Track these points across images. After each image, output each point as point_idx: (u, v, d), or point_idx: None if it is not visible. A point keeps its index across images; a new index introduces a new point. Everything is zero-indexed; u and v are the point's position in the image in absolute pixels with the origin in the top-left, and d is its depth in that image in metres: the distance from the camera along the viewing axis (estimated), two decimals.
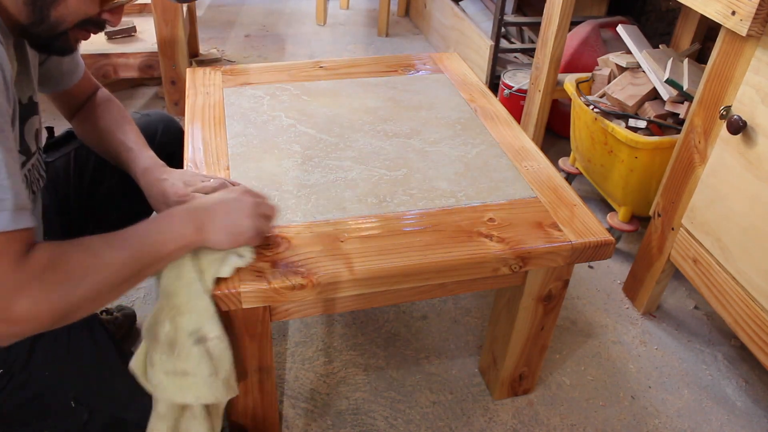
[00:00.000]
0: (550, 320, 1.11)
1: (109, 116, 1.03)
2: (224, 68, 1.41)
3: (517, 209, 1.00)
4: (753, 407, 1.27)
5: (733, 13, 1.05)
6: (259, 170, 1.06)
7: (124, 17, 2.30)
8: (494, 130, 1.22)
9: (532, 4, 2.52)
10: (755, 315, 1.11)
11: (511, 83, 2.05)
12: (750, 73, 1.08)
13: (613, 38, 1.99)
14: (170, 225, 0.77)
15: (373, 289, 0.89)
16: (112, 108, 1.05)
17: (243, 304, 0.83)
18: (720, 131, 1.16)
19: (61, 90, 1.02)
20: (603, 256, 0.97)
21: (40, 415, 0.84)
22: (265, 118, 1.21)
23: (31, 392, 0.82)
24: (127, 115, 1.05)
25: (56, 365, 0.84)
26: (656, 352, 1.38)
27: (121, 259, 0.71)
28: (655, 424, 1.22)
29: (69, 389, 0.85)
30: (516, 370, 1.19)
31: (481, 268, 0.91)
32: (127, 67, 2.09)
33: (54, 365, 0.83)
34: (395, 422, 1.19)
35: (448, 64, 1.49)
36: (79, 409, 0.85)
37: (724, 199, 1.16)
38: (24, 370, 0.81)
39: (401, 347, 1.35)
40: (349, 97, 1.32)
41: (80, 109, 1.05)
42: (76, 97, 1.04)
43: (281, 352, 1.31)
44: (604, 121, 1.51)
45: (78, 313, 0.68)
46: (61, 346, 0.84)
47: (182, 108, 2.16)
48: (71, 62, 1.00)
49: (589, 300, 1.51)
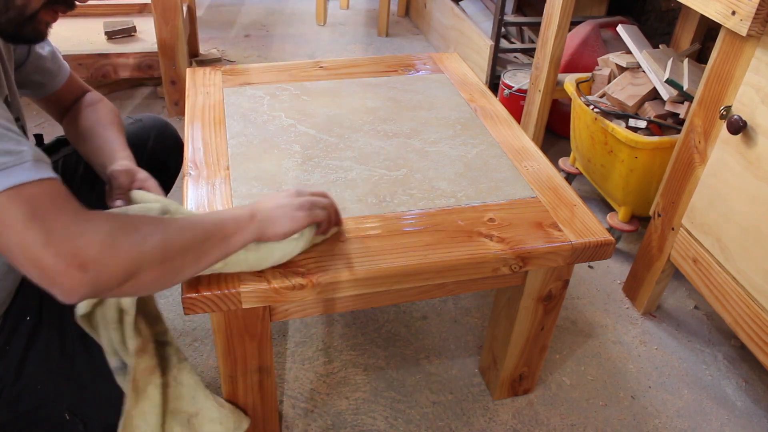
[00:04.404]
0: (550, 320, 1.11)
1: (94, 117, 1.01)
2: (224, 68, 1.41)
3: (517, 209, 1.00)
4: (753, 407, 1.27)
5: (733, 13, 1.05)
6: (259, 170, 1.06)
7: (124, 17, 2.31)
8: (494, 130, 1.22)
9: (532, 4, 2.52)
10: (755, 315, 1.11)
11: (511, 83, 2.05)
12: (750, 73, 1.08)
13: (613, 38, 1.99)
14: (227, 211, 0.82)
15: (373, 289, 0.89)
16: (100, 109, 1.03)
17: (243, 304, 0.83)
18: (720, 131, 1.16)
19: (47, 94, 1.01)
20: (603, 256, 0.97)
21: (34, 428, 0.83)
22: (265, 118, 1.21)
23: (24, 405, 0.81)
24: (113, 117, 1.03)
25: (49, 377, 0.83)
26: (656, 352, 1.38)
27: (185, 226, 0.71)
28: (655, 424, 1.22)
29: (63, 401, 0.84)
30: (516, 370, 1.19)
31: (481, 268, 0.91)
32: (127, 67, 2.09)
33: (47, 377, 0.82)
34: (395, 422, 1.19)
35: (448, 64, 1.49)
36: (73, 420, 0.84)
37: (724, 199, 1.16)
38: (16, 384, 0.80)
39: (401, 347, 1.35)
40: (349, 97, 1.32)
41: (69, 111, 1.04)
42: (63, 100, 1.04)
43: (281, 352, 1.31)
44: (604, 121, 1.51)
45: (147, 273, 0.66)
46: (54, 358, 0.83)
47: (182, 108, 2.16)
48: (53, 64, 0.99)
49: (589, 300, 1.51)
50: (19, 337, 0.82)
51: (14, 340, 0.81)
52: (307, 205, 0.83)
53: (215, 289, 0.81)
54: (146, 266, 0.66)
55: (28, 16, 0.74)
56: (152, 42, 2.10)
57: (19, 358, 0.81)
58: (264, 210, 0.81)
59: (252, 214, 0.79)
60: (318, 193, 0.88)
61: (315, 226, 0.86)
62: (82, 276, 0.60)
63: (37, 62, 0.96)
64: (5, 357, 0.80)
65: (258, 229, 0.79)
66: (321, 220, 0.85)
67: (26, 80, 0.96)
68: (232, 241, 0.77)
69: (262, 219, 0.80)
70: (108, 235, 0.62)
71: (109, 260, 0.62)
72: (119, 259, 0.63)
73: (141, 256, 0.65)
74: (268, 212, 0.81)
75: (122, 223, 0.65)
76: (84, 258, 0.60)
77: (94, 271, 0.61)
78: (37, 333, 0.83)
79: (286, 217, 0.81)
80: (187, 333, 1.35)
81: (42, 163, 0.62)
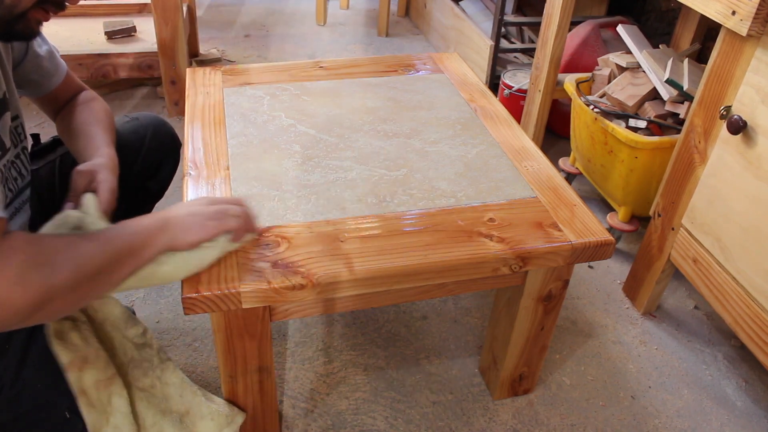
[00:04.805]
0: (550, 320, 1.11)
1: (84, 115, 1.01)
2: (224, 68, 1.41)
3: (517, 209, 1.00)
4: (753, 407, 1.27)
5: (733, 13, 1.05)
6: (259, 170, 1.06)
7: (124, 17, 2.31)
8: (494, 130, 1.22)
9: (532, 4, 2.52)
10: (755, 315, 1.11)
11: (511, 83, 2.05)
12: (750, 73, 1.08)
13: (613, 38, 1.99)
14: (137, 221, 0.78)
15: (373, 289, 0.89)
16: (92, 107, 1.03)
17: (243, 304, 0.83)
18: (720, 131, 1.16)
19: (44, 93, 1.01)
20: (603, 256, 0.97)
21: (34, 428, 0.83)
22: (265, 118, 1.21)
23: (24, 405, 0.81)
24: (103, 115, 1.03)
25: (48, 377, 0.82)
26: (656, 352, 1.38)
27: (95, 248, 0.71)
28: (655, 424, 1.22)
29: (63, 401, 0.83)
30: (516, 370, 1.19)
31: (481, 268, 0.91)
32: (127, 67, 2.09)
33: (46, 377, 0.82)
34: (395, 422, 1.19)
35: (448, 64, 1.49)
36: (74, 419, 0.83)
37: (724, 199, 1.16)
38: (15, 385, 0.80)
39: (401, 347, 1.35)
40: (349, 97, 1.32)
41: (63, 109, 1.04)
42: (59, 99, 1.04)
43: (281, 352, 1.31)
44: (604, 121, 1.51)
45: (56, 303, 0.66)
46: (53, 358, 0.83)
47: (182, 108, 2.16)
48: (51, 63, 0.99)
49: (589, 300, 1.51)
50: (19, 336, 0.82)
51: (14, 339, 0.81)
52: (218, 214, 0.83)
53: (215, 289, 0.81)
54: (56, 296, 0.66)
55: (18, 14, 0.74)
56: (152, 42, 2.10)
57: (18, 357, 0.81)
58: (175, 218, 0.80)
59: (163, 224, 0.79)
60: (231, 200, 0.88)
61: (229, 234, 0.85)
62: None
63: (35, 61, 0.96)
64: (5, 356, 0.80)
65: (169, 239, 0.79)
66: (232, 228, 0.85)
67: (24, 79, 0.96)
68: (143, 254, 0.76)
69: (173, 227, 0.79)
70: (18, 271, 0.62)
71: (16, 298, 0.61)
72: (27, 295, 0.62)
73: (51, 288, 0.65)
74: (178, 219, 0.80)
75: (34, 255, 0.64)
76: None
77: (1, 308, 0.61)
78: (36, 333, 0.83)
79: (197, 225, 0.81)
80: (187, 333, 1.35)
81: None
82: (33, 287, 0.63)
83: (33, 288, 0.63)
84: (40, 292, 0.63)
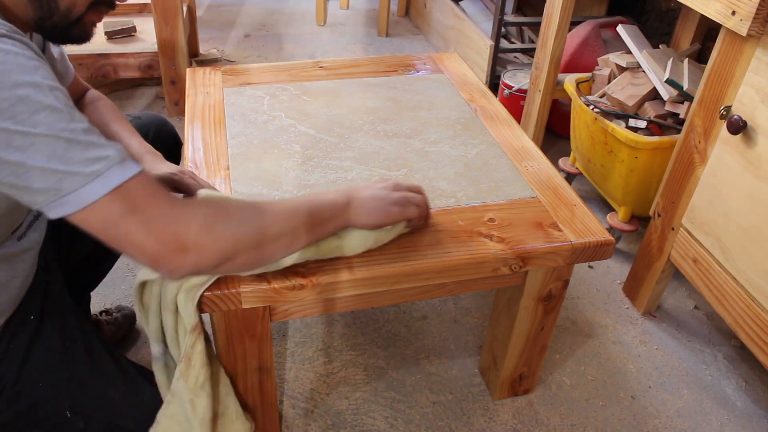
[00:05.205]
0: (550, 320, 1.11)
1: (98, 113, 1.02)
2: (224, 68, 1.41)
3: (517, 209, 1.00)
4: (753, 407, 1.27)
5: (733, 13, 1.05)
6: (259, 170, 1.06)
7: (124, 17, 2.31)
8: (494, 130, 1.22)
9: (532, 4, 2.52)
10: (755, 315, 1.11)
11: (511, 83, 2.05)
12: (750, 73, 1.08)
13: (613, 38, 1.99)
14: (324, 195, 0.82)
15: (372, 289, 0.89)
16: (101, 105, 1.04)
17: (243, 304, 0.83)
18: (720, 131, 1.16)
19: None
20: (603, 256, 0.97)
21: (35, 427, 0.83)
22: (265, 118, 1.21)
23: (25, 404, 0.81)
24: (117, 111, 1.04)
25: (50, 375, 0.83)
26: (656, 352, 1.38)
27: (279, 210, 0.75)
28: (655, 424, 1.22)
29: (64, 399, 0.84)
30: (516, 370, 1.19)
31: (481, 268, 0.91)
32: (127, 67, 2.09)
33: (48, 376, 0.83)
34: (395, 422, 1.19)
35: (448, 64, 1.49)
36: (74, 418, 0.84)
37: (724, 199, 1.16)
38: (17, 383, 0.80)
39: (401, 347, 1.35)
40: (349, 97, 1.32)
41: None
42: None
43: (281, 352, 1.31)
44: (604, 121, 1.51)
45: (240, 257, 0.70)
46: (55, 356, 0.83)
47: (182, 108, 2.16)
48: (62, 66, 0.99)
49: (589, 300, 1.51)
50: (22, 336, 0.82)
51: (17, 339, 0.81)
52: (402, 200, 0.86)
53: (215, 289, 0.81)
54: (241, 251, 0.70)
55: (74, 19, 0.75)
56: (152, 42, 2.10)
57: (21, 357, 0.81)
58: (359, 198, 0.83)
59: (348, 201, 0.82)
60: (413, 187, 0.91)
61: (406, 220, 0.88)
62: (183, 257, 0.66)
63: (50, 64, 0.96)
64: (7, 356, 0.80)
65: (352, 217, 0.82)
66: (413, 217, 0.88)
67: None
68: (326, 227, 0.80)
69: (356, 207, 0.82)
70: (204, 220, 0.67)
71: (206, 243, 0.67)
72: (216, 243, 0.68)
73: (236, 240, 0.69)
74: (363, 201, 0.83)
75: (216, 209, 0.69)
76: (183, 242, 0.65)
77: (193, 253, 0.66)
78: (39, 332, 0.84)
79: (379, 210, 0.84)
80: None
81: (127, 161, 0.65)
82: (220, 236, 0.68)
83: (221, 238, 0.68)
84: (227, 243, 0.69)
